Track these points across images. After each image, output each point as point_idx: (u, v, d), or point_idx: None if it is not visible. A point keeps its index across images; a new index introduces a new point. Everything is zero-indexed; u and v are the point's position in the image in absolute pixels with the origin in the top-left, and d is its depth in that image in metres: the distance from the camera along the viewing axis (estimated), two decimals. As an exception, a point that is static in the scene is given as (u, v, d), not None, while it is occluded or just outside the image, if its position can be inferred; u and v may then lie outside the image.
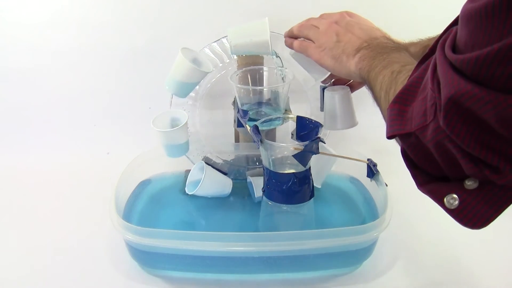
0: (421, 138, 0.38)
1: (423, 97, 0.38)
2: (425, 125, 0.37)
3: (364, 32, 0.63)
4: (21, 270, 0.75)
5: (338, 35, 0.64)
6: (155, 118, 0.78)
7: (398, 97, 0.42)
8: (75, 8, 1.02)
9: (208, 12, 1.02)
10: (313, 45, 0.67)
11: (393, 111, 0.42)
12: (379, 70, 0.54)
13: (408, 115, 0.40)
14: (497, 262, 0.76)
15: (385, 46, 0.58)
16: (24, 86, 1.07)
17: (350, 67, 0.61)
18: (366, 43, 0.60)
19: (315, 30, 0.68)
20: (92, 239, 0.81)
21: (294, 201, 0.73)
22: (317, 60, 0.67)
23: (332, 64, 0.64)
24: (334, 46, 0.64)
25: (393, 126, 0.42)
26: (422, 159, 0.41)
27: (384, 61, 0.54)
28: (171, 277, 0.73)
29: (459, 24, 0.34)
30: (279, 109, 0.78)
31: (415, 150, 0.41)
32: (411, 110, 0.40)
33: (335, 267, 0.75)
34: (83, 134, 1.10)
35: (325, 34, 0.65)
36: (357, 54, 0.60)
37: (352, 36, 0.63)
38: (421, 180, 0.42)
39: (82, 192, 0.95)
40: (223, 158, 0.92)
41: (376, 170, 0.81)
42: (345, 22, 0.66)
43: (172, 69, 0.77)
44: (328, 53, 0.65)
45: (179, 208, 0.88)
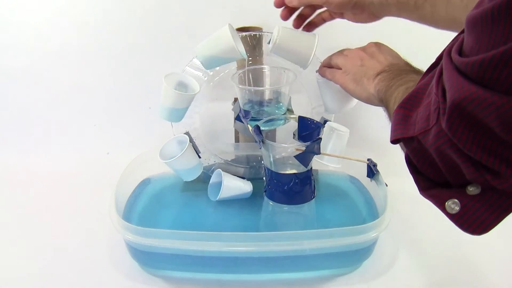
0: (423, 142, 0.38)
1: (427, 102, 0.38)
2: (427, 130, 0.37)
3: (386, 58, 0.65)
4: (21, 270, 0.75)
5: (362, 60, 0.66)
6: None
7: (403, 102, 0.43)
8: (75, 8, 1.02)
9: (208, 12, 1.02)
10: (340, 71, 0.69)
11: (398, 116, 0.42)
12: (395, 88, 0.55)
13: (412, 120, 0.41)
14: (497, 262, 0.76)
15: (404, 69, 0.60)
16: (24, 86, 1.07)
17: (370, 89, 0.62)
18: (387, 67, 0.62)
19: (343, 58, 0.70)
20: (92, 239, 0.81)
21: (295, 201, 0.73)
22: (341, 84, 0.69)
23: (353, 87, 0.66)
24: (357, 70, 0.66)
25: (396, 130, 0.42)
26: (424, 165, 0.41)
27: (401, 80, 0.55)
28: (171, 277, 0.73)
29: (465, 31, 0.34)
30: (281, 108, 0.78)
31: (418, 155, 0.41)
32: (415, 115, 0.40)
33: (335, 267, 0.75)
34: (83, 134, 1.10)
35: (351, 60, 0.68)
36: (377, 77, 0.61)
37: (375, 61, 0.65)
38: (423, 186, 0.42)
39: (82, 192, 0.95)
40: (224, 158, 0.92)
41: (376, 170, 0.81)
42: (371, 51, 0.67)
43: (161, 98, 0.77)
44: (351, 77, 0.67)
45: (179, 208, 0.88)
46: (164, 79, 0.75)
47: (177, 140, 0.84)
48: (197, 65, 0.83)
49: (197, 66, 0.83)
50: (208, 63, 0.77)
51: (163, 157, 0.80)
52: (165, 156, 0.81)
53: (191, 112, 0.85)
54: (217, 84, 0.87)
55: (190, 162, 0.82)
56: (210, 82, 0.87)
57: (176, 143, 0.83)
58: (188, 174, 0.84)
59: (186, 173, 0.83)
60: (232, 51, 0.73)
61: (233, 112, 0.89)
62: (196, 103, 0.87)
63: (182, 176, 0.85)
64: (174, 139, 0.84)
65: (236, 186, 0.83)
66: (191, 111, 0.85)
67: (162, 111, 0.78)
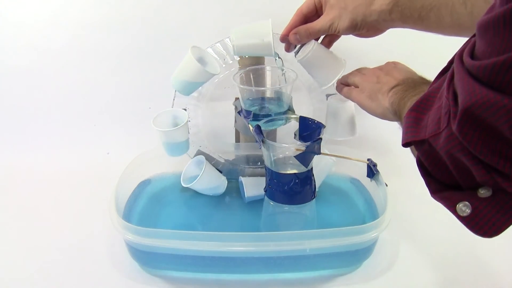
0: (434, 145, 0.39)
1: (439, 105, 0.39)
2: (438, 133, 0.38)
3: (401, 74, 0.64)
4: (21, 270, 0.75)
5: (378, 77, 0.66)
6: (155, 117, 0.78)
7: (415, 106, 0.43)
8: (75, 8, 1.02)
9: (209, 12, 1.02)
10: (356, 89, 0.69)
11: (409, 119, 0.42)
12: (408, 99, 0.55)
13: (423, 123, 0.41)
14: (497, 262, 0.76)
15: (418, 82, 0.59)
16: (24, 86, 1.07)
17: (385, 104, 0.62)
18: (401, 81, 0.61)
19: (359, 76, 0.70)
20: (92, 239, 0.81)
21: (296, 201, 0.73)
22: (357, 102, 0.68)
23: (368, 104, 0.66)
24: (372, 87, 0.66)
25: (408, 133, 0.42)
26: (435, 167, 0.41)
27: (414, 91, 0.55)
28: (171, 277, 0.73)
29: (476, 36, 0.34)
30: (282, 106, 0.78)
31: (429, 158, 0.41)
32: (426, 118, 0.40)
33: (335, 267, 0.75)
34: (83, 134, 1.10)
35: (367, 78, 0.68)
36: (391, 91, 0.61)
37: (390, 77, 0.64)
38: (434, 188, 0.42)
39: (82, 192, 0.95)
40: (225, 158, 0.92)
41: (376, 170, 0.81)
42: (388, 68, 0.67)
43: (180, 66, 0.77)
44: (366, 94, 0.66)
45: (179, 208, 0.88)
46: (190, 50, 0.74)
47: (194, 162, 0.87)
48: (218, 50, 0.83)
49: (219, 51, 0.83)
50: (239, 50, 0.76)
51: (185, 182, 0.85)
52: (187, 179, 0.85)
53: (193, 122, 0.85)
54: (218, 84, 0.87)
55: (213, 180, 0.87)
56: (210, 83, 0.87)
57: (194, 165, 0.87)
58: (214, 191, 0.89)
59: (212, 191, 0.88)
60: (267, 48, 0.73)
61: (234, 106, 0.89)
62: (197, 112, 0.88)
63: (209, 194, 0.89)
64: (191, 162, 0.87)
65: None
66: (192, 112, 0.85)
67: (177, 81, 0.78)
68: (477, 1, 0.57)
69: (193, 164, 0.87)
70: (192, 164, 0.87)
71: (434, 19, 0.62)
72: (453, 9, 0.60)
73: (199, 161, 0.86)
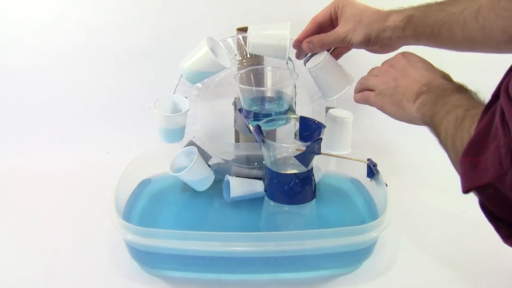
0: (500, 187, 0.38)
1: (495, 145, 0.38)
2: (502, 174, 0.37)
3: (421, 74, 0.62)
4: (21, 270, 0.75)
5: (396, 80, 0.63)
6: (156, 100, 0.78)
7: (468, 149, 0.41)
8: (75, 8, 1.02)
9: (208, 12, 1.02)
10: (373, 93, 0.67)
11: (466, 164, 0.41)
12: (442, 115, 0.53)
13: (482, 166, 0.39)
14: (497, 262, 0.76)
15: (444, 89, 0.57)
16: (24, 86, 1.07)
17: (412, 113, 0.60)
18: (425, 87, 0.59)
19: (373, 78, 0.67)
20: (92, 239, 0.81)
21: (296, 201, 0.73)
22: (379, 107, 0.66)
23: (393, 111, 0.64)
24: (393, 92, 0.63)
25: (468, 180, 0.41)
26: (503, 209, 0.40)
27: (446, 106, 0.53)
28: (171, 277, 0.73)
29: None
30: (283, 106, 0.78)
31: (495, 201, 0.40)
32: (483, 160, 0.39)
33: (335, 267, 0.75)
34: (83, 134, 1.10)
35: (383, 81, 0.65)
36: (418, 99, 0.59)
37: (411, 80, 0.62)
38: (505, 233, 0.41)
39: (82, 192, 0.95)
40: (224, 158, 0.92)
41: (376, 170, 0.82)
42: (401, 66, 0.64)
43: (192, 54, 0.76)
44: (388, 100, 0.64)
45: (179, 208, 0.88)
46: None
47: (185, 152, 0.86)
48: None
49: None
50: (254, 48, 0.76)
51: (174, 170, 0.83)
52: (176, 169, 0.84)
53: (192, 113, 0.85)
54: (218, 84, 0.87)
55: (201, 173, 0.85)
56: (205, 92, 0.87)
57: (184, 155, 0.86)
58: (200, 184, 0.86)
59: (198, 183, 0.86)
60: (282, 51, 0.73)
61: (233, 106, 0.89)
62: (196, 104, 0.88)
63: (194, 187, 0.87)
64: (182, 151, 0.86)
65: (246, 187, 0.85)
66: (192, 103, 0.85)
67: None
68: (489, 15, 0.57)
69: (184, 154, 0.86)
70: (183, 154, 0.86)
71: (446, 35, 0.62)
72: (465, 25, 0.59)
73: (190, 151, 0.85)
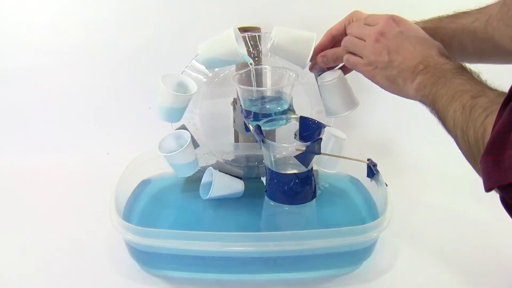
0: None
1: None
2: None
3: (416, 48, 0.59)
4: (21, 270, 0.75)
5: (389, 53, 0.60)
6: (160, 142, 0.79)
7: (489, 148, 0.41)
8: (75, 8, 1.02)
9: (209, 12, 1.02)
10: (362, 61, 0.64)
11: (488, 163, 0.41)
12: (447, 102, 0.51)
13: (505, 165, 0.39)
14: (497, 262, 0.76)
15: (443, 69, 0.55)
16: (24, 86, 1.07)
17: (409, 91, 0.59)
18: (422, 65, 0.57)
19: (361, 44, 0.64)
20: (92, 239, 0.81)
21: (296, 201, 0.73)
22: (370, 78, 0.64)
23: (387, 85, 0.62)
24: (386, 66, 0.60)
25: (491, 179, 0.41)
26: None
27: (450, 91, 0.52)
28: (171, 277, 0.73)
29: None
30: (283, 106, 0.78)
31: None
32: (506, 158, 0.39)
33: (335, 267, 0.75)
34: (83, 134, 1.10)
35: (374, 52, 0.62)
36: (415, 79, 0.57)
37: (405, 55, 0.59)
38: None
39: (82, 192, 0.95)
40: (224, 158, 0.92)
41: (376, 170, 0.81)
42: (393, 34, 0.61)
43: (158, 99, 0.77)
44: (380, 73, 0.62)
45: (179, 208, 0.88)
46: (160, 81, 0.75)
47: (175, 135, 0.83)
48: (196, 67, 0.83)
49: (197, 68, 0.83)
50: (210, 63, 0.77)
51: (162, 150, 0.80)
52: (164, 150, 0.80)
53: (191, 113, 0.85)
54: (217, 84, 0.87)
55: (189, 157, 0.82)
56: (210, 83, 0.87)
57: (174, 138, 0.83)
58: (185, 169, 0.83)
59: (183, 168, 0.83)
60: (234, 55, 0.73)
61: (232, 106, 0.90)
62: (195, 104, 0.88)
63: (178, 171, 0.83)
64: (172, 134, 0.83)
65: (226, 184, 0.83)
66: (191, 112, 0.85)
67: (160, 112, 0.78)
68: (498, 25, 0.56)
69: (174, 136, 0.83)
70: (173, 136, 0.83)
71: (457, 47, 0.61)
72: (475, 36, 0.59)
73: (181, 135, 0.83)
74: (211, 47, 0.75)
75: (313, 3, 1.01)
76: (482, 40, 0.59)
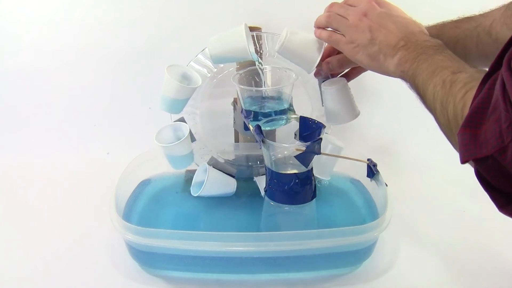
0: (500, 160, 0.38)
1: (495, 118, 0.38)
2: (503, 147, 0.37)
3: (398, 27, 0.60)
4: (21, 270, 0.74)
5: (372, 30, 0.61)
6: (158, 133, 0.79)
7: (467, 121, 0.42)
8: (75, 8, 1.02)
9: (208, 12, 1.02)
10: (344, 39, 0.64)
11: (465, 136, 0.41)
12: (428, 77, 0.52)
13: (481, 138, 0.40)
14: (498, 262, 0.76)
15: (424, 46, 0.56)
16: (24, 86, 1.07)
17: (389, 67, 0.59)
18: (403, 41, 0.58)
19: (344, 22, 0.65)
20: (92, 239, 0.81)
21: (296, 201, 0.72)
22: (350, 56, 0.65)
23: (368, 62, 0.62)
24: (368, 43, 0.61)
25: (468, 151, 0.41)
26: (500, 180, 0.41)
27: (430, 66, 0.53)
28: (171, 277, 0.73)
29: None
30: (283, 105, 0.78)
31: (492, 172, 0.40)
32: (483, 133, 0.40)
33: (335, 267, 0.75)
34: (83, 134, 1.10)
35: (357, 29, 0.63)
36: (396, 55, 0.58)
37: (387, 32, 0.60)
38: (501, 202, 0.41)
39: (82, 192, 0.95)
40: (225, 158, 0.92)
41: (376, 170, 0.81)
42: (376, 14, 0.62)
43: (162, 88, 0.77)
44: (362, 51, 0.62)
45: (179, 208, 0.88)
46: (166, 70, 0.75)
47: (174, 126, 0.83)
48: (202, 62, 0.83)
49: (202, 62, 0.83)
50: (217, 59, 0.76)
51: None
52: (161, 140, 0.80)
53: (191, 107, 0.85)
54: (217, 84, 0.87)
55: (185, 150, 0.82)
56: (209, 83, 0.87)
57: (172, 129, 0.83)
58: (180, 162, 0.83)
59: (179, 160, 0.83)
60: (244, 53, 0.73)
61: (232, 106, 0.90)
62: (195, 103, 0.87)
63: (173, 163, 0.83)
64: (171, 125, 0.83)
65: (219, 183, 0.84)
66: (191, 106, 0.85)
67: (162, 102, 0.78)
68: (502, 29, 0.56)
69: (171, 128, 0.83)
70: (170, 128, 0.83)
71: (461, 51, 0.61)
72: (479, 40, 0.59)
73: (179, 127, 0.82)
74: (220, 42, 0.75)
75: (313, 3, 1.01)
76: (486, 44, 0.59)
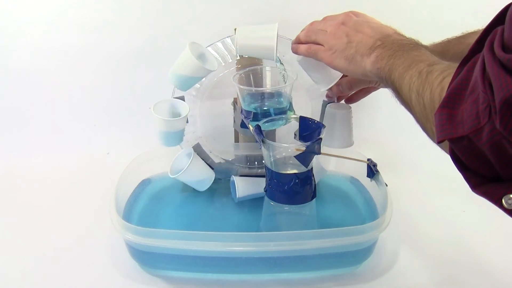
0: (475, 140, 0.38)
1: (473, 99, 0.38)
2: (478, 128, 0.37)
3: (374, 30, 0.61)
4: (21, 270, 0.75)
5: (348, 35, 0.62)
6: (155, 104, 0.78)
7: (445, 102, 0.42)
8: (75, 8, 1.02)
9: (208, 12, 1.02)
10: (323, 48, 0.65)
11: (442, 116, 0.41)
12: (404, 70, 0.52)
13: (457, 119, 0.40)
14: (497, 261, 0.76)
15: (401, 44, 0.57)
16: (24, 86, 1.07)
17: (366, 66, 0.60)
18: (379, 41, 0.59)
19: (322, 34, 0.66)
20: (92, 239, 0.81)
21: (296, 201, 0.72)
22: (329, 62, 0.65)
23: (345, 66, 0.63)
24: (345, 47, 0.62)
25: (444, 131, 0.41)
26: (474, 161, 0.41)
27: (406, 61, 0.53)
28: (171, 277, 0.73)
29: (506, 25, 0.34)
30: (282, 104, 0.78)
31: (467, 153, 0.40)
32: (460, 113, 0.40)
33: (335, 267, 0.75)
34: (83, 134, 1.10)
35: (334, 36, 0.64)
36: (373, 53, 0.58)
37: (363, 35, 0.61)
38: (474, 182, 0.41)
39: (82, 192, 0.95)
40: (224, 158, 0.92)
41: (376, 170, 0.81)
42: (353, 22, 0.64)
43: (177, 62, 0.76)
44: (339, 55, 0.63)
45: (179, 208, 0.88)
46: (188, 45, 0.74)
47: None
48: (219, 48, 0.83)
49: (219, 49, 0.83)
50: (242, 50, 0.75)
51: (173, 171, 0.84)
52: (175, 170, 0.84)
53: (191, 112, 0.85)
54: (217, 84, 0.87)
55: (200, 173, 0.86)
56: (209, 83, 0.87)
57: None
58: (199, 184, 0.87)
59: (198, 184, 0.87)
60: (269, 51, 0.73)
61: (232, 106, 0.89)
62: (195, 104, 0.88)
63: (195, 187, 0.88)
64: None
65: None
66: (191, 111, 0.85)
67: (174, 76, 0.77)
68: None
69: (185, 154, 0.88)
70: (184, 155, 0.88)
71: None
72: None
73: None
74: (251, 34, 0.74)
75: (313, 3, 1.02)
76: None
